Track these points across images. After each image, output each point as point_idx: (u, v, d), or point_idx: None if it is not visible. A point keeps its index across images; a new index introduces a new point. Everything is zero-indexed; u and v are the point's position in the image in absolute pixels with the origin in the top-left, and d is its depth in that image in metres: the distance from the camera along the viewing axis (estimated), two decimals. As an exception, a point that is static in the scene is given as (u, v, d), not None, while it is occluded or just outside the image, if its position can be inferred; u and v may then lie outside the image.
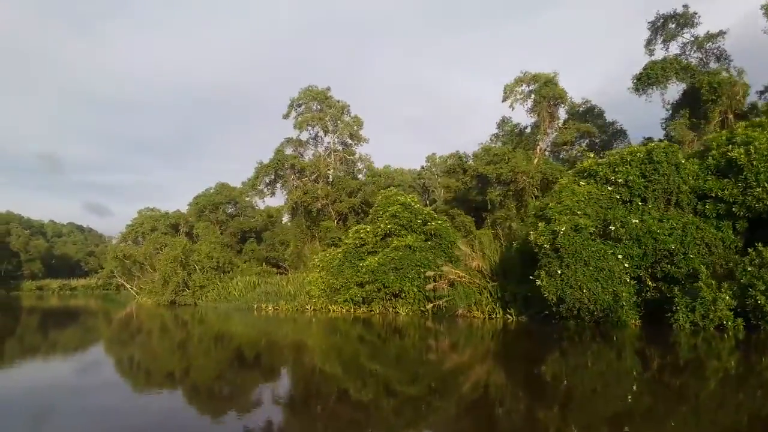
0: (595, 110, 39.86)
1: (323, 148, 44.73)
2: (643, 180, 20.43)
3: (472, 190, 48.73)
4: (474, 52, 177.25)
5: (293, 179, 42.13)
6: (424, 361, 15.80)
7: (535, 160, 38.02)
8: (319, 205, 41.20)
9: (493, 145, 41.75)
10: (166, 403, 10.57)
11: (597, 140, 40.92)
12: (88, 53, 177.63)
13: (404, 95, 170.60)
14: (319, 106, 44.48)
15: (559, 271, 18.96)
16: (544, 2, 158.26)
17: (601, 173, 21.20)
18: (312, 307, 31.44)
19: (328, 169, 42.54)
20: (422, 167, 68.31)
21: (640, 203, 20.34)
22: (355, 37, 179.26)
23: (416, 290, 26.84)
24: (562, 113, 40.32)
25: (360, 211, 41.46)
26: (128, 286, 64.10)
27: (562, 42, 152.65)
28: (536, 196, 36.39)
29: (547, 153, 39.39)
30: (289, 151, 44.08)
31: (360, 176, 44.77)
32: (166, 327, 28.26)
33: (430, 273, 26.25)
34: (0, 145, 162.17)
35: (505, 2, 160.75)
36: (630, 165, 20.71)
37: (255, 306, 34.43)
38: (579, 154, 38.33)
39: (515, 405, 10.30)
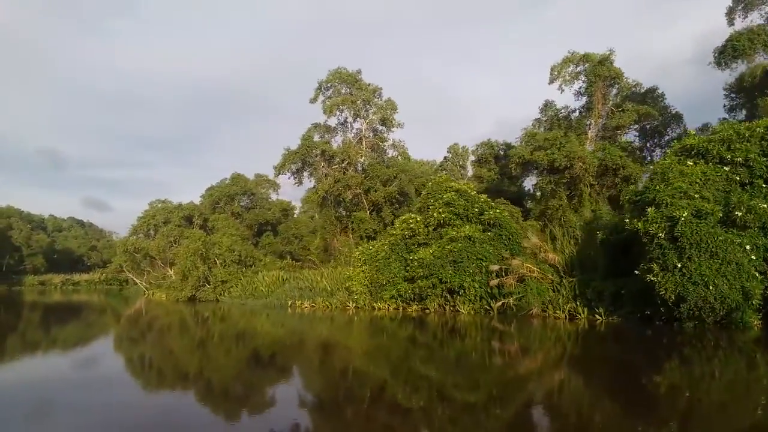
0: (656, 92, 36.89)
1: (352, 134, 41.80)
2: (765, 159, 17.56)
3: (505, 179, 45.93)
4: (477, 49, 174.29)
5: (323, 167, 39.18)
6: (488, 365, 13.41)
7: (587, 145, 35.14)
8: (350, 194, 38.27)
9: (538, 131, 38.82)
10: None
11: (648, 125, 38.05)
12: (91, 50, 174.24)
13: (408, 93, 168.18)
14: (348, 90, 41.52)
15: (679, 265, 16.07)
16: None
17: (713, 151, 18.30)
18: (354, 305, 28.57)
19: (359, 157, 39.58)
20: (445, 158, 65.34)
21: (763, 186, 17.45)
22: (359, 34, 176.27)
23: (477, 286, 23.96)
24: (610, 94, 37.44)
25: (395, 201, 38.55)
26: (138, 281, 61.40)
27: (565, 37, 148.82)
28: (591, 184, 33.55)
29: (597, 138, 36.45)
30: (316, 137, 41.13)
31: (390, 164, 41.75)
32: (188, 324, 25.40)
33: (494, 267, 23.36)
34: (1, 141, 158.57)
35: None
36: (749, 141, 17.83)
37: (289, 303, 31.50)
38: (635, 138, 35.61)
39: (613, 418, 8.43)
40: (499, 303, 23.05)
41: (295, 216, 65.32)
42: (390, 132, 40.73)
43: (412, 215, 27.74)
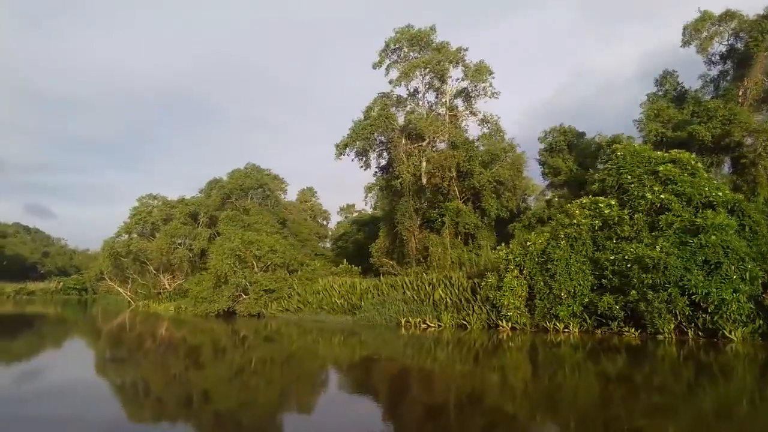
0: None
1: (426, 107, 33.46)
2: None
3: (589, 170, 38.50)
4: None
5: (404, 145, 30.68)
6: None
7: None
8: (446, 179, 29.82)
9: (660, 105, 31.56)
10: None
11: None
12: (29, 49, 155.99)
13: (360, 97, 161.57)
14: (417, 54, 33.27)
15: None
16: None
17: None
18: (508, 324, 20.35)
19: (443, 134, 31.30)
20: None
21: None
22: (311, 39, 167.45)
23: (744, 300, 16.17)
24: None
25: (494, 188, 30.35)
26: (121, 290, 51.12)
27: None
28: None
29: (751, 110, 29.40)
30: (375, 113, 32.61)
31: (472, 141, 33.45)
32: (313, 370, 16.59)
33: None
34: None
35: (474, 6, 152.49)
36: None
37: (403, 321, 22.89)
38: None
39: None
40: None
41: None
42: (478, 100, 32.56)
43: (602, 199, 19.73)
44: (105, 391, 11.93)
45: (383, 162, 32.73)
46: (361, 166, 32.08)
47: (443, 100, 32.95)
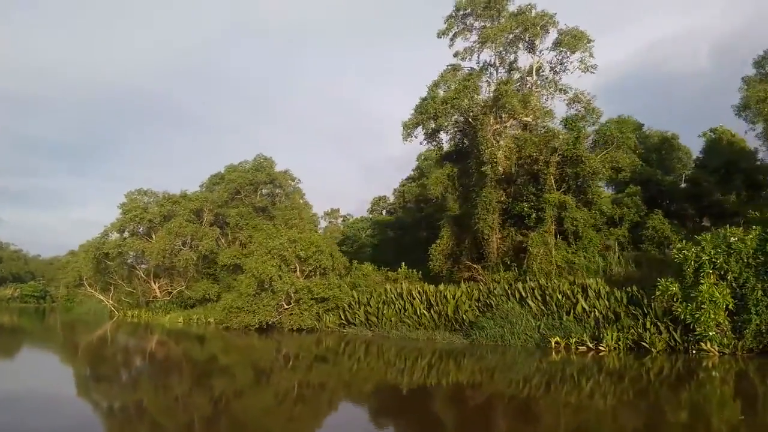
0: None
1: (498, 77, 28.10)
2: None
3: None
4: (394, 68, 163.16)
5: (492, 125, 25.23)
6: None
7: None
8: (535, 165, 24.62)
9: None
10: None
11: None
12: None
13: (321, 108, 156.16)
14: (490, 22, 28.04)
15: None
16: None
17: None
18: (713, 346, 15.17)
19: (534, 115, 26.03)
20: None
21: None
22: (273, 44, 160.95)
23: None
24: None
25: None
26: (103, 298, 44.02)
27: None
28: None
29: None
30: (441, 91, 27.13)
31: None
32: None
33: None
34: None
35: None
36: None
37: (552, 342, 17.35)
38: None
39: None
40: None
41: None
42: (562, 73, 27.36)
43: None
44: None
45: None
46: (433, 150, 26.49)
47: (533, 72, 27.60)
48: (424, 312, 21.44)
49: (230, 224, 40.25)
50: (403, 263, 28.91)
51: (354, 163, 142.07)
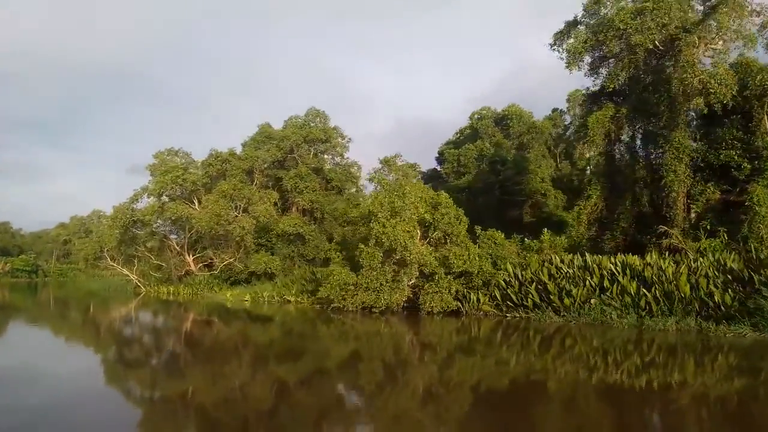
0: None
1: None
2: None
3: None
4: (378, 46, 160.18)
5: (700, 48, 19.06)
6: None
7: None
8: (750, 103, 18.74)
9: None
10: None
11: None
12: None
13: (306, 83, 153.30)
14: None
15: None
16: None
17: None
18: None
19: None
20: (559, 110, 46.07)
21: None
22: (258, 20, 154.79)
23: None
24: None
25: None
26: (128, 272, 37.80)
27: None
28: None
29: None
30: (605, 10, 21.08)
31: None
32: None
33: None
34: None
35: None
36: None
37: None
38: None
39: None
40: None
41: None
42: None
43: None
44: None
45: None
46: (605, 84, 20.42)
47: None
48: (645, 292, 15.52)
49: (288, 188, 34.04)
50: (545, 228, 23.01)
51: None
